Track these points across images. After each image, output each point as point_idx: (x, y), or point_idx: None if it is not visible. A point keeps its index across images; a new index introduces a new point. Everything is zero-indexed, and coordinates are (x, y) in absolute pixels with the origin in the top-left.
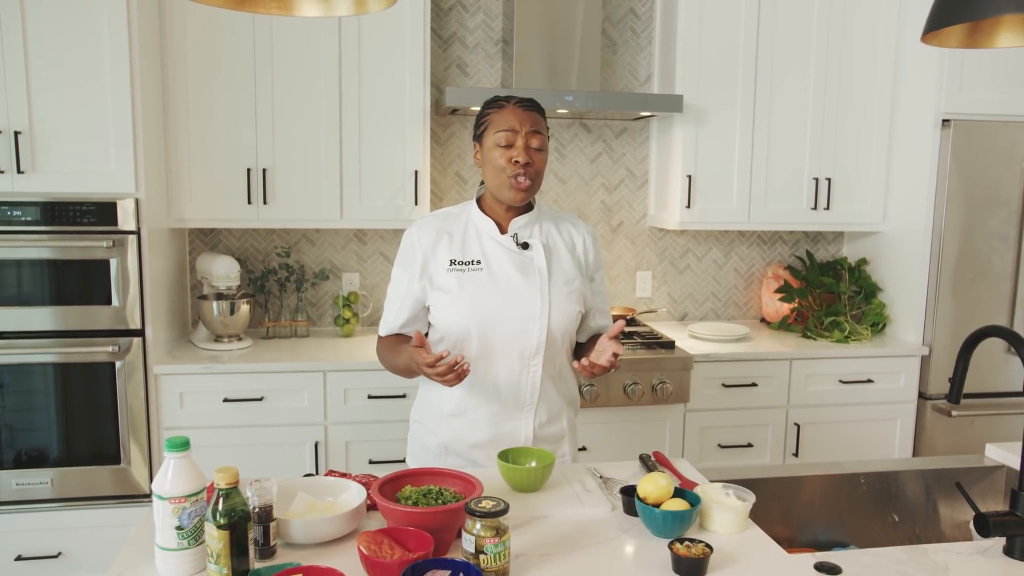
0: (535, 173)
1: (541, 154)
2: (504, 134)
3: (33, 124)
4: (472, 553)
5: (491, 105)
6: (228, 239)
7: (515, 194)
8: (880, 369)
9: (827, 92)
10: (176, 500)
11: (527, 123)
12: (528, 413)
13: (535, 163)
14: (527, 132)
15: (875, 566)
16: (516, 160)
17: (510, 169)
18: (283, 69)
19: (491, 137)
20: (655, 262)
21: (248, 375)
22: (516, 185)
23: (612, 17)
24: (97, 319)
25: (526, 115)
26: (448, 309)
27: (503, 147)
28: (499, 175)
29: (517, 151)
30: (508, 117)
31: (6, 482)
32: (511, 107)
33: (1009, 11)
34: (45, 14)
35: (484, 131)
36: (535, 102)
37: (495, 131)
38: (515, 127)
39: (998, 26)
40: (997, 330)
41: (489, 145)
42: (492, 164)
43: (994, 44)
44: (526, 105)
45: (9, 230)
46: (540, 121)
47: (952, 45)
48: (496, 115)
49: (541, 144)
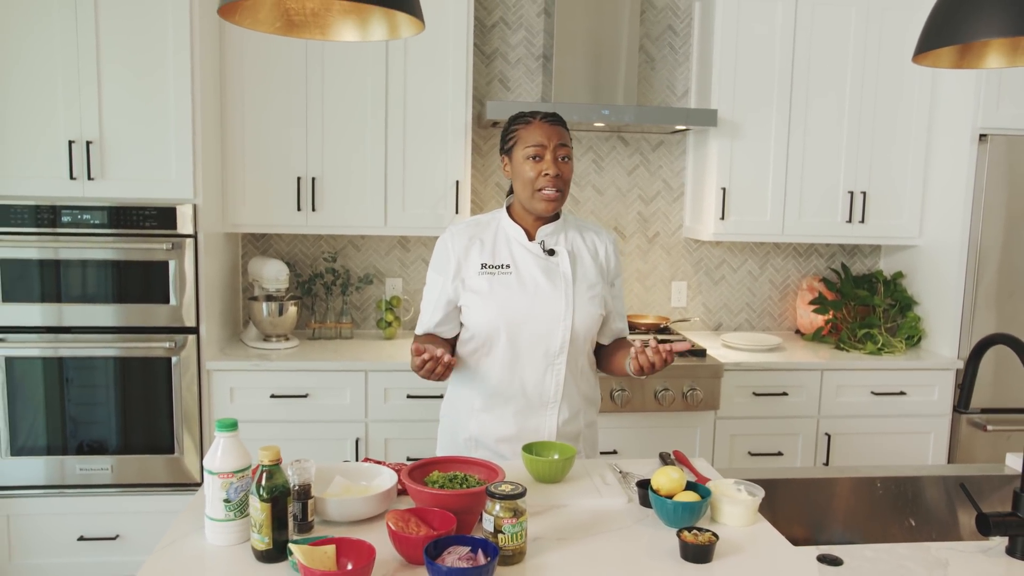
0: (563, 183)
1: (568, 164)
2: (533, 148)
3: (103, 134)
4: (491, 532)
5: (518, 121)
6: (278, 244)
7: (546, 205)
8: (913, 382)
9: (863, 106)
10: (224, 475)
11: (554, 137)
12: (552, 410)
13: (563, 174)
14: (555, 146)
15: (876, 560)
16: (547, 173)
17: (540, 181)
18: (333, 83)
19: (520, 152)
20: (690, 272)
21: (294, 373)
22: (546, 197)
23: (651, 34)
24: (156, 317)
25: (553, 130)
26: (479, 310)
27: (533, 161)
28: (529, 187)
29: (547, 164)
30: (536, 133)
31: (70, 467)
32: (538, 123)
33: (995, 35)
34: (116, 36)
35: (513, 146)
36: (559, 116)
37: (524, 146)
38: (543, 142)
39: (987, 48)
40: (1003, 338)
41: (519, 159)
42: (522, 177)
43: (983, 65)
44: (551, 120)
45: (80, 232)
46: (565, 134)
47: (943, 65)
48: (524, 131)
49: (568, 154)
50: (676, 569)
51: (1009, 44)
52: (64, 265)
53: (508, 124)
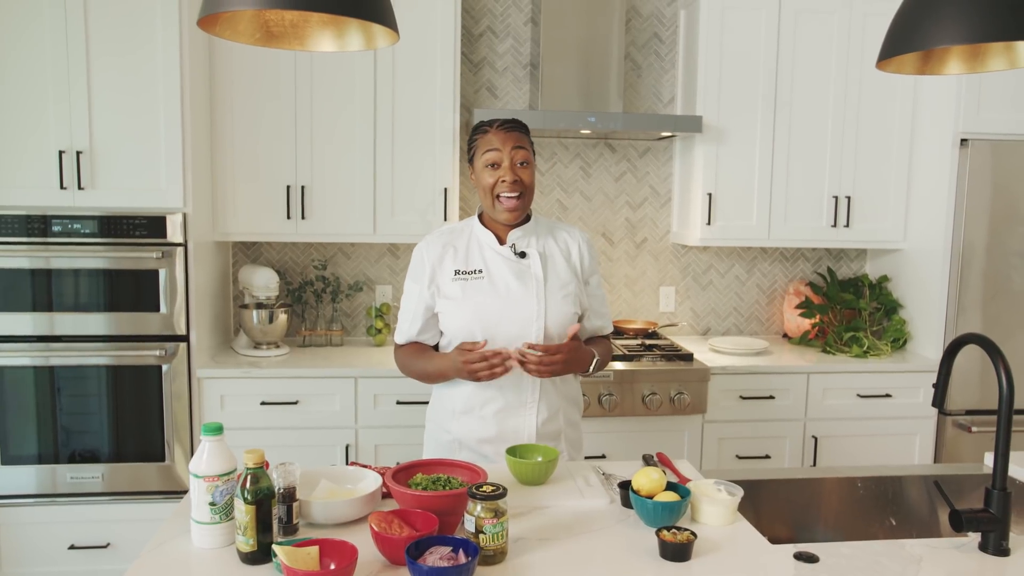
0: (523, 187)
1: (527, 168)
2: (491, 154)
3: (93, 144)
4: (472, 532)
5: (477, 131)
6: (269, 252)
7: (507, 214)
8: (899, 384)
9: (846, 112)
10: (210, 479)
11: (510, 141)
12: (531, 409)
13: (522, 178)
14: (511, 149)
15: (852, 557)
16: (504, 180)
17: (499, 188)
18: (322, 92)
19: (479, 160)
20: (678, 278)
21: (285, 380)
22: (506, 206)
23: (636, 41)
24: (146, 325)
25: (509, 136)
26: (454, 314)
27: (491, 168)
28: (489, 195)
29: (504, 171)
30: (492, 139)
31: (61, 476)
32: (494, 130)
33: (955, 42)
34: (106, 45)
35: (473, 155)
36: (517, 121)
37: (482, 154)
38: (499, 147)
39: (948, 55)
40: (975, 338)
41: (479, 168)
42: (482, 185)
43: (945, 71)
44: (508, 126)
45: (70, 241)
46: (523, 138)
47: (907, 72)
48: (481, 139)
49: (526, 158)
50: (655, 568)
51: (969, 51)
52: (55, 274)
53: (470, 135)
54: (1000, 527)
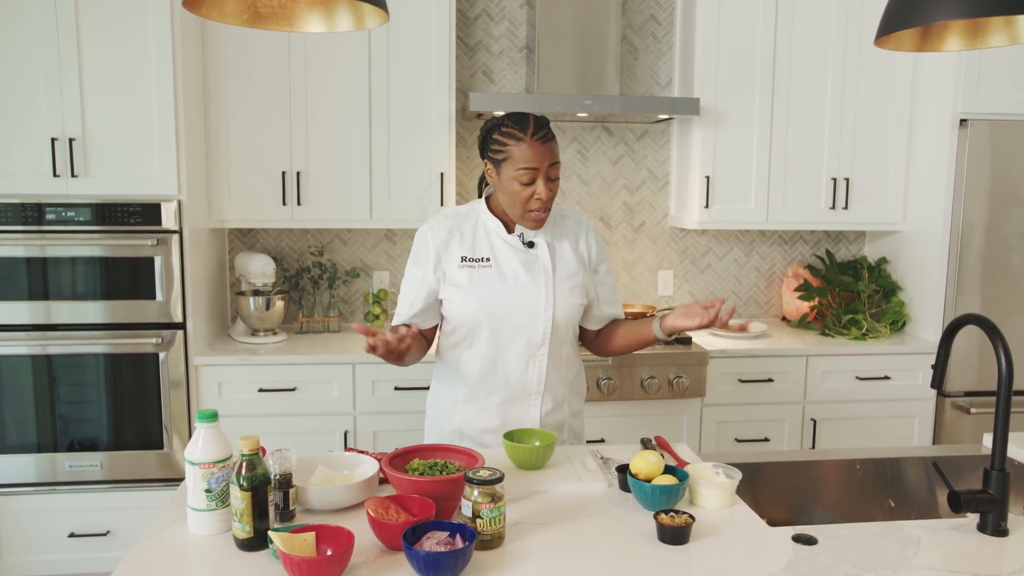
0: (551, 200)
1: (557, 182)
2: (526, 172)
3: (86, 131)
4: (469, 517)
5: (507, 135)
6: (265, 239)
7: (534, 225)
8: (898, 366)
9: (844, 93)
10: (205, 466)
11: (547, 157)
12: (535, 400)
13: (553, 192)
14: (548, 166)
15: (850, 539)
16: (539, 197)
17: (532, 204)
18: (316, 77)
19: (511, 170)
20: (676, 261)
21: (282, 367)
22: (535, 218)
23: (633, 24)
24: (143, 313)
25: (545, 149)
26: (460, 303)
27: (524, 184)
28: (519, 207)
29: (539, 188)
30: (528, 155)
31: (60, 464)
32: (529, 141)
33: (954, 17)
34: (97, 32)
35: (502, 160)
36: (549, 130)
37: (515, 167)
38: (536, 165)
39: (947, 30)
40: (974, 318)
41: (508, 176)
42: (511, 195)
43: (944, 48)
44: (543, 138)
45: (65, 230)
46: (556, 150)
47: (905, 48)
48: (516, 149)
49: (558, 174)
50: (653, 551)
51: (969, 26)
52: (50, 263)
53: (496, 131)
54: (999, 508)
